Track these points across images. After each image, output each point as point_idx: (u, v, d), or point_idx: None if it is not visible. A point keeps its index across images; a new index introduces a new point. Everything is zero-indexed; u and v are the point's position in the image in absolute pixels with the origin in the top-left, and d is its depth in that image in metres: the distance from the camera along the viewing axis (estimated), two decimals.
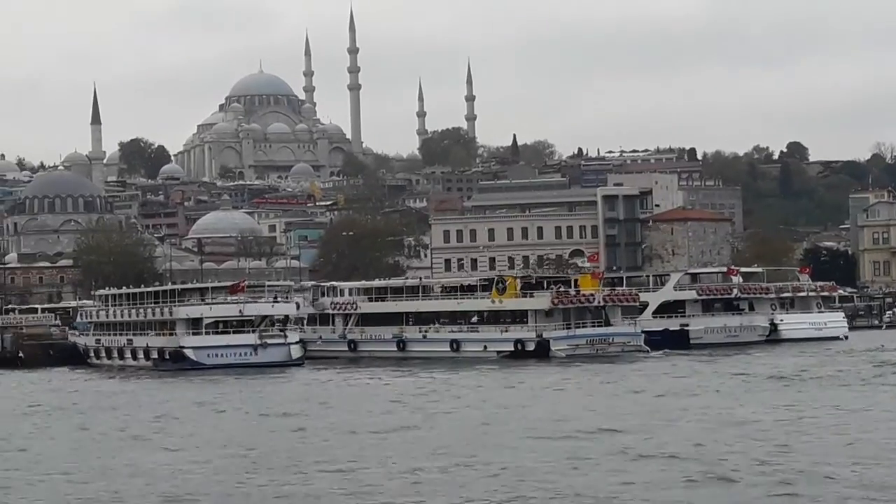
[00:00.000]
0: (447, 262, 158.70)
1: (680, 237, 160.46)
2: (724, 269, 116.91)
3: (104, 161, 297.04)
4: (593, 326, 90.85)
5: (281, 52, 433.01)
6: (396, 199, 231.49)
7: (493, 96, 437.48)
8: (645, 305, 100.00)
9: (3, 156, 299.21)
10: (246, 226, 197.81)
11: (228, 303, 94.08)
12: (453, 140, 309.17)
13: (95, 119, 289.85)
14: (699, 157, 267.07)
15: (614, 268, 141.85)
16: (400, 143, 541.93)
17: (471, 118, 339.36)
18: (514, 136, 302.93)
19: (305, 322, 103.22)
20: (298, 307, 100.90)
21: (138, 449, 45.77)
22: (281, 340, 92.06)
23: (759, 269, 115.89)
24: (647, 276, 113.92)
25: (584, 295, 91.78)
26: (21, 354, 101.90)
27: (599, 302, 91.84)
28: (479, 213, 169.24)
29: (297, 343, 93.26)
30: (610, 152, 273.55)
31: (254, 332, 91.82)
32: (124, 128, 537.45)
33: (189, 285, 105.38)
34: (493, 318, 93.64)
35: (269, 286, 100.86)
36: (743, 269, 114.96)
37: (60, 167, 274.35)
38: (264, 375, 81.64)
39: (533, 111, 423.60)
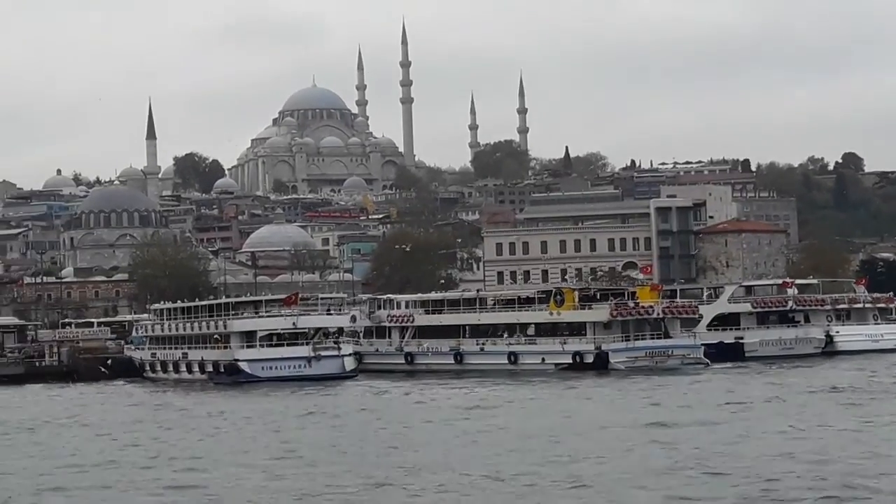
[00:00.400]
0: (500, 274, 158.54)
1: (734, 249, 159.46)
2: (780, 281, 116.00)
3: (159, 175, 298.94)
4: (652, 339, 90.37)
5: (334, 66, 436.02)
6: (449, 212, 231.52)
7: (546, 108, 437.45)
8: (699, 318, 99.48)
9: (59, 171, 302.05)
10: (299, 239, 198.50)
11: (282, 315, 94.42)
12: (506, 152, 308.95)
13: (150, 134, 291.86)
14: (753, 168, 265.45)
15: (672, 280, 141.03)
16: (452, 156, 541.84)
17: (523, 130, 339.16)
18: (567, 148, 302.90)
19: (362, 335, 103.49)
20: (355, 320, 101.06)
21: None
22: (334, 353, 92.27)
23: (815, 281, 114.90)
24: (702, 289, 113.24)
25: (643, 307, 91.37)
26: (77, 368, 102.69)
27: (658, 314, 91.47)
28: (532, 225, 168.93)
29: (350, 355, 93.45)
30: (663, 164, 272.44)
31: (307, 344, 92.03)
32: (179, 142, 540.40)
33: (243, 298, 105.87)
34: (551, 330, 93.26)
35: (322, 299, 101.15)
36: (798, 281, 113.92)
37: (116, 182, 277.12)
38: (338, 388, 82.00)
39: (585, 123, 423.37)
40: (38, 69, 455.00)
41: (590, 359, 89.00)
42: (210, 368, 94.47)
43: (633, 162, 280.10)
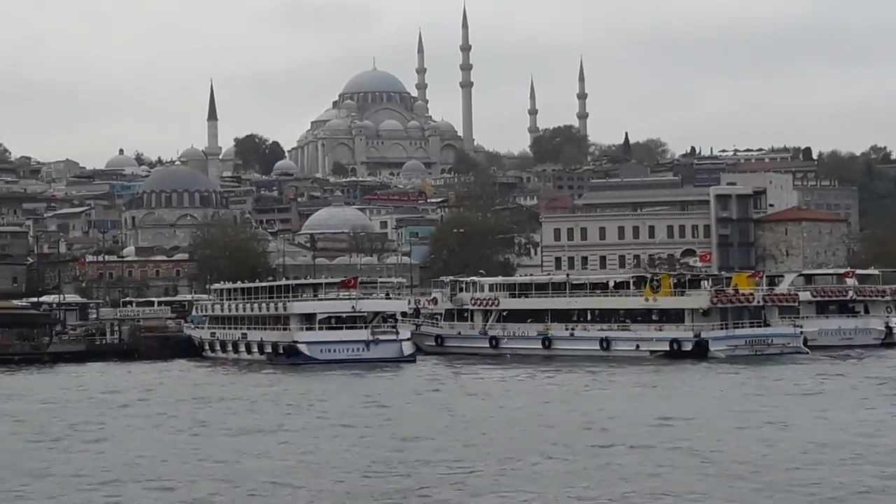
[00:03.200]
0: (557, 260, 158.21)
1: (794, 238, 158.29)
2: (840, 270, 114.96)
3: (220, 156, 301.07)
4: (752, 327, 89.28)
5: (394, 49, 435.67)
6: (507, 197, 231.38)
7: (606, 94, 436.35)
8: (799, 306, 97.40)
9: (121, 151, 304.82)
10: (358, 222, 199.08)
11: (341, 298, 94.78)
12: (565, 138, 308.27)
13: (212, 115, 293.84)
14: (815, 156, 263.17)
15: (731, 268, 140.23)
16: (511, 141, 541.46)
17: (583, 116, 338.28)
18: (626, 134, 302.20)
19: (442, 317, 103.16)
20: (437, 302, 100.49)
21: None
22: (393, 336, 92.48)
23: (876, 272, 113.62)
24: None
25: (743, 294, 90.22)
26: (138, 347, 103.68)
27: (759, 301, 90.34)
28: (590, 211, 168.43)
29: (408, 339, 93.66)
30: (723, 151, 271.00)
31: (366, 327, 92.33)
32: (240, 124, 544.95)
33: (302, 281, 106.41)
34: (646, 316, 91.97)
35: (381, 282, 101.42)
36: (859, 271, 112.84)
37: (177, 162, 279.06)
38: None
39: (646, 109, 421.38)
40: (102, 49, 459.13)
41: (688, 346, 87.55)
42: (269, 349, 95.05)
43: (693, 149, 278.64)
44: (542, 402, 60.94)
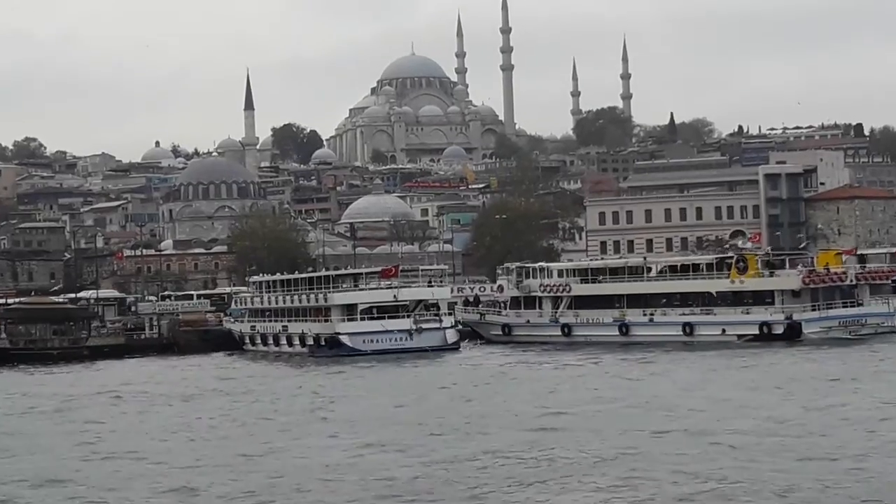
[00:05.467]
0: (602, 244, 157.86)
1: (846, 216, 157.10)
2: (894, 249, 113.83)
3: (257, 147, 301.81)
4: (845, 307, 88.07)
5: (432, 33, 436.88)
6: (550, 181, 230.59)
7: (650, 74, 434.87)
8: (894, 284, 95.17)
9: (157, 143, 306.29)
10: (398, 210, 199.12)
11: (382, 288, 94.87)
12: (608, 119, 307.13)
13: (248, 105, 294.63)
14: (866, 132, 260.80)
15: (781, 249, 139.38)
16: (554, 124, 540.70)
17: (626, 97, 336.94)
18: (672, 114, 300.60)
19: (508, 305, 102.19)
20: (503, 289, 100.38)
21: None
22: (436, 325, 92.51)
23: None
24: (812, 258, 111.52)
25: (836, 273, 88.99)
26: (177, 341, 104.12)
27: (851, 280, 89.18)
28: (636, 193, 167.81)
29: (451, 327, 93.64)
30: (772, 129, 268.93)
31: (408, 317, 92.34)
32: (277, 113, 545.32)
33: (343, 271, 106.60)
34: (732, 299, 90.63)
35: (422, 271, 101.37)
36: None
37: (214, 153, 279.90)
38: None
39: (691, 88, 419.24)
40: (135, 39, 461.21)
41: (779, 329, 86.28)
42: (311, 342, 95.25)
43: (740, 128, 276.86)
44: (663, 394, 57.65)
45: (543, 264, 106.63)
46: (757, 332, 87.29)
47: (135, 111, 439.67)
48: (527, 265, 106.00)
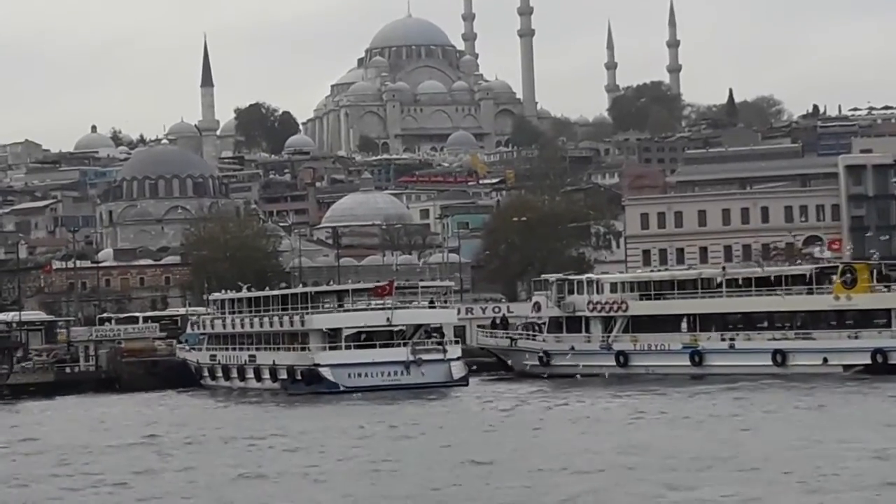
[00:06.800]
0: (645, 253, 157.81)
1: None
2: None
3: (217, 132, 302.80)
4: None
5: None
6: (580, 175, 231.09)
7: (703, 41, 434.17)
8: None
9: (94, 128, 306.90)
10: (392, 211, 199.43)
11: (373, 309, 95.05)
12: (652, 98, 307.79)
13: (206, 80, 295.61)
14: None
15: (869, 258, 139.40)
16: (584, 104, 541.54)
17: (674, 70, 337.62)
18: (731, 91, 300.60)
19: (546, 327, 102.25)
20: (539, 307, 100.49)
21: None
22: (439, 356, 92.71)
23: None
24: None
25: None
26: (119, 375, 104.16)
27: None
28: (686, 190, 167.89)
29: (457, 359, 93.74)
30: (854, 110, 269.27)
31: (405, 345, 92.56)
32: (241, 91, 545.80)
33: (324, 287, 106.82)
34: (831, 320, 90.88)
35: (423, 287, 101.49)
36: None
37: (164, 141, 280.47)
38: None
39: (754, 59, 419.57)
40: (70, 4, 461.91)
41: None
42: (284, 375, 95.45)
43: (815, 108, 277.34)
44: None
45: (592, 276, 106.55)
46: (868, 361, 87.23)
47: (65, 89, 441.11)
48: (570, 277, 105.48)
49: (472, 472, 50.83)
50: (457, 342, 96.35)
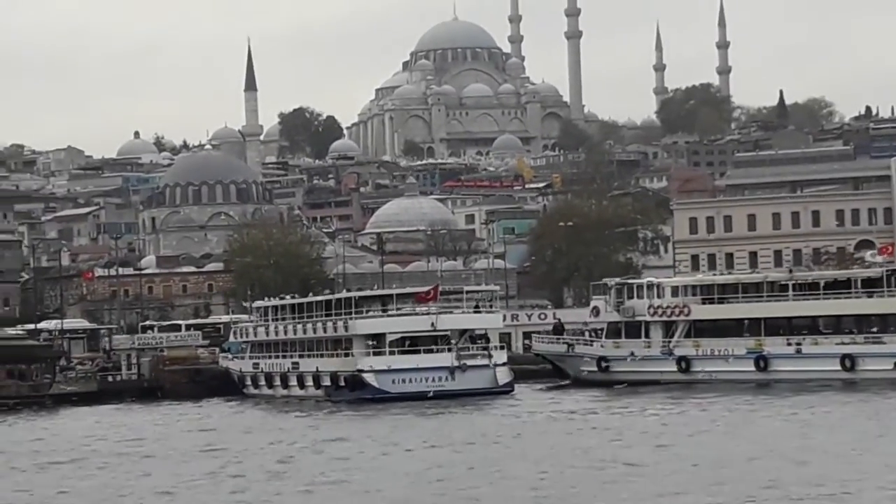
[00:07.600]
0: (694, 258, 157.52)
1: None
2: None
3: (261, 137, 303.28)
4: None
5: None
6: (628, 179, 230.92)
7: (754, 42, 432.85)
8: None
9: (137, 134, 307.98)
10: (437, 216, 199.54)
11: (417, 314, 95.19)
12: (701, 100, 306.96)
13: (250, 85, 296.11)
14: None
15: None
16: (632, 106, 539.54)
17: (724, 71, 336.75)
18: (781, 92, 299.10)
19: (604, 333, 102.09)
20: (598, 312, 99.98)
21: None
22: (485, 361, 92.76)
23: None
24: None
25: None
26: (162, 384, 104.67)
27: None
28: (736, 193, 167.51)
29: (503, 364, 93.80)
30: None
31: (450, 350, 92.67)
32: (285, 95, 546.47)
33: (368, 293, 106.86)
34: None
35: (468, 292, 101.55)
36: None
37: (207, 146, 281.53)
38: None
39: (805, 60, 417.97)
40: (112, 9, 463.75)
41: None
42: (327, 382, 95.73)
43: (868, 109, 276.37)
44: None
45: (653, 280, 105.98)
46: None
47: (109, 95, 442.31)
48: (629, 281, 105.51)
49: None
50: (502, 348, 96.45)
